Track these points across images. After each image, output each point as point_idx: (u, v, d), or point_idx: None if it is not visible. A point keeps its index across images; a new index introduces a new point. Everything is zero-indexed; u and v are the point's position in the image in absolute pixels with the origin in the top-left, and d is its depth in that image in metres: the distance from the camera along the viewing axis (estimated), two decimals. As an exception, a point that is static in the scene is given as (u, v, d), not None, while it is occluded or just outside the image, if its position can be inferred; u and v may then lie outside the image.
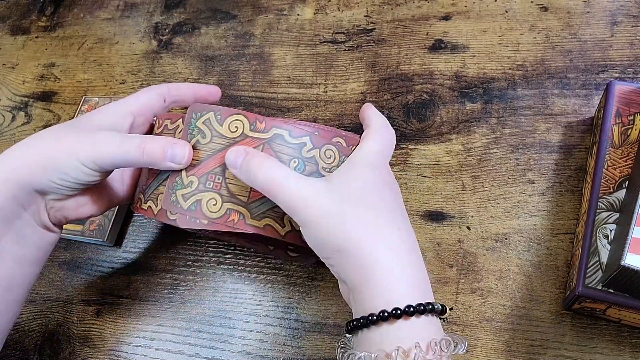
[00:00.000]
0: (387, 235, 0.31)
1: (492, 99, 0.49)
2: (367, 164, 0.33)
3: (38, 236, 0.38)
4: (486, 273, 0.42)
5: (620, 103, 0.41)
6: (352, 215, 0.31)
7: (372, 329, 0.29)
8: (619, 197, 0.37)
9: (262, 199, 0.35)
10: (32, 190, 0.36)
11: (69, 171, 0.35)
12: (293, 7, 0.61)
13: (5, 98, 0.64)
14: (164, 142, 0.35)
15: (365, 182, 0.32)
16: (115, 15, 0.67)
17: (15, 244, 0.36)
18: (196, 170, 0.36)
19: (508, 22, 0.53)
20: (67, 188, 0.37)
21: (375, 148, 0.34)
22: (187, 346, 0.44)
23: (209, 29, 0.62)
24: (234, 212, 0.35)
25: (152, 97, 0.41)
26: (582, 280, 0.35)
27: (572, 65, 0.49)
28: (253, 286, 0.45)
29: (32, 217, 0.37)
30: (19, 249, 0.37)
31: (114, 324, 0.46)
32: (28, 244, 0.37)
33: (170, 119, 0.39)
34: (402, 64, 0.53)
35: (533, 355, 0.38)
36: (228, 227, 0.35)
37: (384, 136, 0.35)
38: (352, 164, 0.34)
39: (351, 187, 0.32)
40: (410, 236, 0.32)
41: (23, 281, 0.38)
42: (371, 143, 0.35)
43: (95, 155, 0.35)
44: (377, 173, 0.33)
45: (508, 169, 0.46)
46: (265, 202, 0.35)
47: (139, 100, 0.40)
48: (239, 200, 0.35)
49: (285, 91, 0.55)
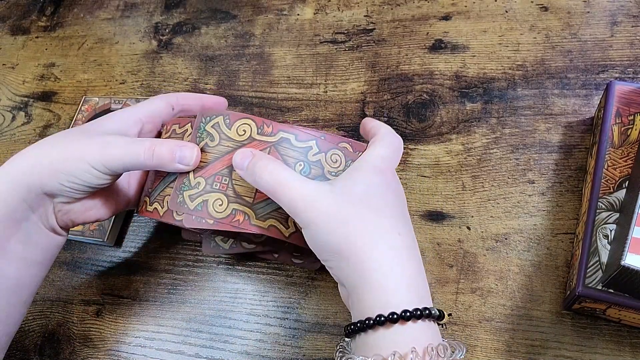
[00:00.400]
0: (388, 239, 0.31)
1: (492, 99, 0.49)
2: (373, 167, 0.33)
3: (45, 239, 0.38)
4: (486, 273, 0.42)
5: (620, 103, 0.41)
6: (353, 217, 0.31)
7: (369, 333, 0.29)
8: (619, 197, 0.37)
9: (267, 200, 0.35)
10: (42, 193, 0.36)
11: (79, 174, 0.36)
12: (293, 7, 0.61)
13: (5, 98, 0.64)
14: (173, 144, 0.36)
15: (370, 186, 0.32)
16: (116, 15, 0.67)
17: (23, 246, 0.37)
18: (203, 172, 0.36)
19: (508, 22, 0.53)
20: (76, 191, 0.37)
21: (382, 153, 0.34)
22: (187, 346, 0.44)
23: (209, 29, 0.62)
24: (240, 213, 0.36)
25: (161, 105, 0.41)
26: (582, 280, 0.35)
27: (572, 65, 0.49)
28: (253, 286, 0.45)
29: (40, 220, 0.37)
30: (26, 251, 0.37)
31: (114, 324, 0.46)
32: (35, 246, 0.38)
33: (178, 124, 0.39)
34: (402, 64, 0.53)
35: (533, 355, 0.38)
36: (233, 227, 0.35)
37: (391, 142, 0.35)
38: (358, 168, 0.34)
39: (355, 190, 0.32)
40: (412, 242, 0.32)
41: (30, 282, 0.38)
42: (379, 148, 0.35)
43: (104, 158, 0.35)
44: (382, 177, 0.33)
45: (508, 169, 0.46)
46: (270, 204, 0.36)
47: (148, 108, 0.40)
48: (245, 201, 0.36)
49: (285, 91, 0.55)
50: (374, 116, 0.51)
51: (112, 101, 0.58)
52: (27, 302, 0.38)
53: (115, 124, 0.39)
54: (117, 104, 0.57)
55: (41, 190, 0.36)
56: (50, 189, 0.36)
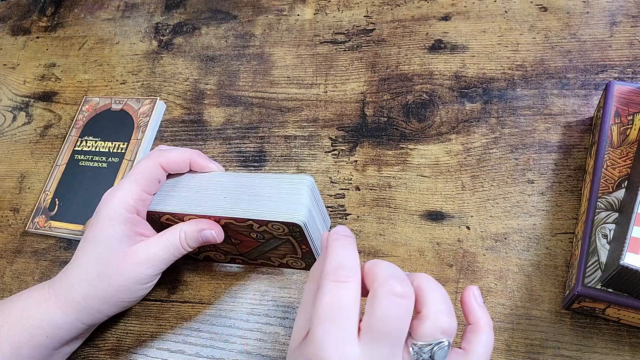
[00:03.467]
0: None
1: (491, 99, 0.49)
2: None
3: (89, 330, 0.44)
4: (485, 273, 0.42)
5: (619, 103, 0.41)
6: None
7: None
8: (618, 196, 0.37)
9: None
10: (102, 317, 0.41)
11: (137, 297, 0.41)
12: (293, 7, 0.61)
13: (6, 98, 0.64)
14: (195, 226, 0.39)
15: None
16: (116, 15, 0.67)
17: (70, 347, 0.43)
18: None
19: (507, 23, 0.53)
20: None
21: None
22: (187, 345, 0.44)
23: (210, 29, 0.62)
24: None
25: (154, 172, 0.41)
26: (582, 279, 0.35)
27: (571, 65, 0.49)
28: (253, 286, 0.45)
29: (87, 331, 0.44)
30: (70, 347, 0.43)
31: (114, 323, 0.46)
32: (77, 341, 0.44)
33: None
34: (402, 64, 0.54)
35: (532, 354, 0.38)
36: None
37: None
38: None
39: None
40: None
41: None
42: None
43: (150, 272, 0.40)
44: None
45: (507, 168, 0.46)
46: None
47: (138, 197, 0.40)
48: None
49: (285, 91, 0.55)
50: (373, 116, 0.51)
51: (113, 101, 0.58)
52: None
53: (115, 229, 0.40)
54: (118, 104, 0.57)
55: (103, 316, 0.41)
56: (110, 314, 0.41)
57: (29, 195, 0.56)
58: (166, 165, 0.40)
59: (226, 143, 0.53)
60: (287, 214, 0.36)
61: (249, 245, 0.41)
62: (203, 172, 0.42)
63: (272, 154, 0.52)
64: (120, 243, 0.38)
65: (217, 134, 0.54)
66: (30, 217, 0.53)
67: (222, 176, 0.41)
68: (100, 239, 0.38)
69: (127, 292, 0.39)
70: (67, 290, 0.39)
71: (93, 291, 0.39)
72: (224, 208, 0.38)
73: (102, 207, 0.39)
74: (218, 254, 0.45)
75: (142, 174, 0.39)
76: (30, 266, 0.51)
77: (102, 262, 0.38)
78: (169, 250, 0.39)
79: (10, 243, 0.53)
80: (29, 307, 0.39)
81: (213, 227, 0.39)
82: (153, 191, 0.40)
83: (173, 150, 0.41)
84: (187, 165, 0.41)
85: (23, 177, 0.57)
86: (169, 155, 0.40)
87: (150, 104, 0.56)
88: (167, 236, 0.39)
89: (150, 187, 0.40)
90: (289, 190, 0.38)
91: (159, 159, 0.40)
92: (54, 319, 0.39)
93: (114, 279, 0.38)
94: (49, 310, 0.39)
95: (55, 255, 0.51)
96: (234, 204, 0.38)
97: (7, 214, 0.55)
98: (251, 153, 0.52)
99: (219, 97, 0.57)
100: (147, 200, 0.40)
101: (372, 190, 0.47)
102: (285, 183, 0.38)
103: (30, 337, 0.38)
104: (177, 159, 0.41)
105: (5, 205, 0.56)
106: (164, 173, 0.41)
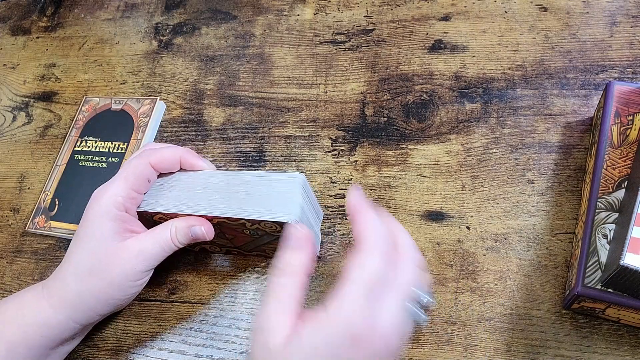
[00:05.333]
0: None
1: (491, 99, 0.49)
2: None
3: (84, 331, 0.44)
4: (485, 273, 0.42)
5: (619, 103, 0.41)
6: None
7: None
8: (618, 197, 0.37)
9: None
10: (95, 317, 0.41)
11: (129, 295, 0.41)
12: (293, 7, 0.61)
13: (6, 98, 0.64)
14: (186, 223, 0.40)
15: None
16: (116, 15, 0.67)
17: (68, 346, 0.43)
18: None
19: (507, 23, 0.53)
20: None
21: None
22: (187, 346, 0.44)
23: (209, 29, 0.62)
24: None
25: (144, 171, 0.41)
26: (582, 279, 0.35)
27: (571, 65, 0.49)
28: (253, 286, 0.45)
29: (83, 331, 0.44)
30: (67, 347, 0.43)
31: (114, 323, 0.46)
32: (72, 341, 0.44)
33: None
34: (401, 64, 0.54)
35: (532, 354, 0.38)
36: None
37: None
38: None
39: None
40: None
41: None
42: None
43: (142, 266, 0.40)
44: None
45: (507, 169, 0.46)
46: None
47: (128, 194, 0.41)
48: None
49: (285, 91, 0.55)
50: (373, 116, 0.51)
51: (113, 101, 0.58)
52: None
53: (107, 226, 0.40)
54: (118, 104, 0.57)
55: (93, 313, 0.41)
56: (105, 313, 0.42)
57: (29, 195, 0.56)
58: (156, 165, 0.40)
59: (226, 143, 0.53)
60: (279, 213, 0.36)
61: (243, 239, 0.42)
62: (194, 170, 0.42)
63: (272, 154, 0.52)
64: (111, 239, 0.38)
65: (217, 134, 0.54)
66: (30, 217, 0.53)
67: (214, 175, 0.41)
68: (90, 236, 0.39)
69: (118, 288, 0.39)
70: (60, 288, 0.39)
71: (85, 287, 0.39)
72: (216, 207, 0.38)
73: (91, 204, 0.39)
74: (214, 247, 0.45)
75: (132, 172, 0.39)
76: (30, 266, 0.51)
77: (94, 257, 0.38)
78: (160, 245, 0.39)
79: (10, 243, 0.53)
80: (23, 307, 0.39)
81: (203, 223, 0.39)
82: (143, 190, 0.40)
83: (163, 149, 0.41)
84: (178, 163, 0.41)
85: (23, 177, 0.57)
86: (159, 154, 0.40)
87: (150, 104, 0.56)
88: (158, 231, 0.39)
89: (139, 186, 0.40)
90: (281, 189, 0.37)
91: (149, 158, 0.40)
92: (47, 318, 0.39)
93: (106, 273, 0.38)
94: (42, 309, 0.39)
95: (55, 255, 0.51)
96: (225, 203, 0.38)
97: (7, 214, 0.55)
98: (251, 153, 0.52)
99: (219, 97, 0.57)
100: (137, 199, 0.40)
101: (372, 191, 0.47)
102: (276, 181, 0.38)
103: (25, 336, 0.38)
104: (167, 158, 0.41)
105: (5, 205, 0.56)
106: (154, 172, 0.41)
